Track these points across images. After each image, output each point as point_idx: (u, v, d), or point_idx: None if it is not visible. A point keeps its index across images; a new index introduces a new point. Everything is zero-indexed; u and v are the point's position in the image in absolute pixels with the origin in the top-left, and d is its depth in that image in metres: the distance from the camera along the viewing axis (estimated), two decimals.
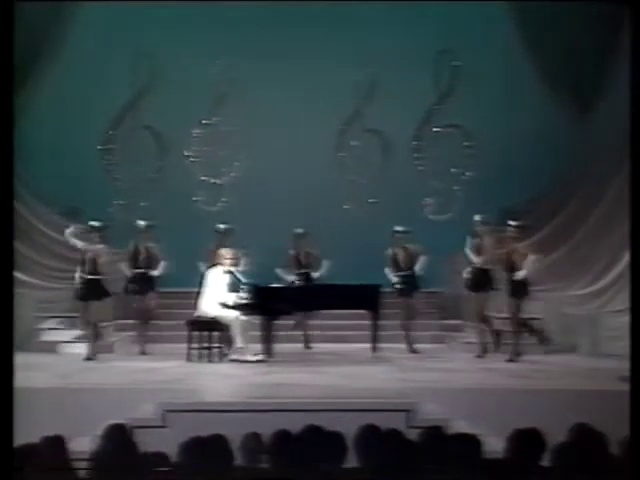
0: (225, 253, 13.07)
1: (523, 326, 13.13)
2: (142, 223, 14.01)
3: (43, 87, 15.64)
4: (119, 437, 5.94)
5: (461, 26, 16.29)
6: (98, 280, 13.29)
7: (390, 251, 13.96)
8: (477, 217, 13.62)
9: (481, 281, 13.44)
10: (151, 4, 16.11)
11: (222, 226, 14.09)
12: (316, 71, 16.54)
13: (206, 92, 16.68)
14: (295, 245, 14.33)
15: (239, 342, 12.69)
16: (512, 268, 13.02)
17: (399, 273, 13.91)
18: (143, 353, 13.55)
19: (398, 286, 13.88)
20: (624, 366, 12.10)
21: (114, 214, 16.53)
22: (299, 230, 14.32)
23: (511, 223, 13.38)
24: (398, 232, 13.95)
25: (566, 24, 15.42)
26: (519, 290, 12.99)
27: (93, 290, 13.24)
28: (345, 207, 16.83)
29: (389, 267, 13.94)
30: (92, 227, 13.44)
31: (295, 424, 5.97)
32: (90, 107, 16.45)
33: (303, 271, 14.20)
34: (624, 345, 12.72)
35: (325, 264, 14.16)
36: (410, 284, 13.87)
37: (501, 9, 15.95)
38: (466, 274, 13.59)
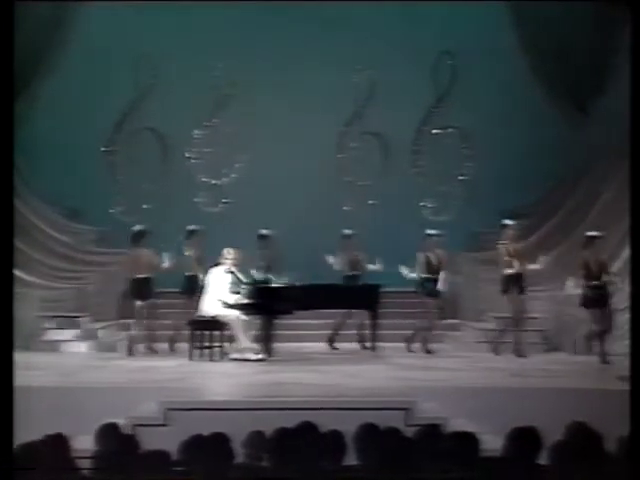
0: (226, 253, 13.05)
1: None
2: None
3: (46, 89, 15.63)
4: (114, 436, 5.94)
5: (459, 29, 16.31)
6: (148, 279, 13.50)
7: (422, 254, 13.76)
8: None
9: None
10: (152, 7, 16.12)
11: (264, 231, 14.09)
12: (316, 73, 16.55)
13: (207, 94, 16.67)
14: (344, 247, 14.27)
15: (240, 341, 12.67)
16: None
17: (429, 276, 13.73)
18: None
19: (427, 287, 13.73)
20: (622, 365, 12.12)
21: (116, 215, 16.56)
22: (347, 231, 14.28)
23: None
24: (430, 235, 13.84)
25: (563, 25, 15.41)
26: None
27: (145, 289, 13.48)
28: (345, 208, 16.81)
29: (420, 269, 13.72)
30: (139, 232, 13.62)
31: (295, 422, 5.96)
32: (93, 108, 16.44)
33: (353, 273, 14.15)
34: (622, 344, 12.73)
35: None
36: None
37: (499, 11, 15.95)
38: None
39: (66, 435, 5.75)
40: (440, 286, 13.61)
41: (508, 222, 13.58)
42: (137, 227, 13.83)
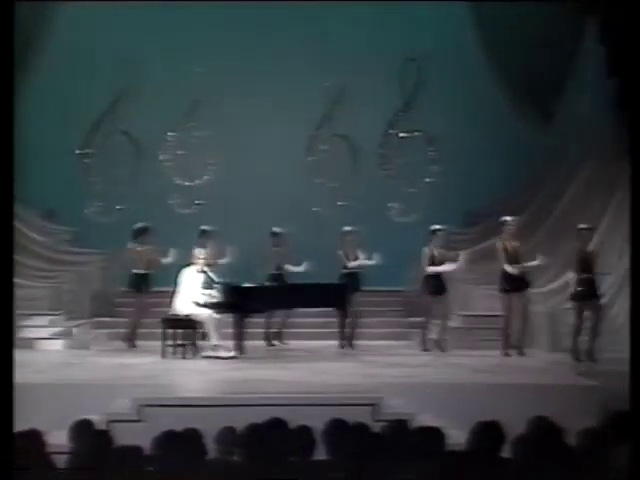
0: (198, 253, 13.05)
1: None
2: (206, 228, 14.08)
3: (22, 90, 15.54)
4: (89, 432, 5.94)
5: (426, 34, 16.35)
6: (147, 275, 13.67)
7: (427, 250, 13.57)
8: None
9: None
10: (127, 10, 16.09)
11: (277, 230, 14.11)
12: (287, 78, 16.56)
13: (180, 98, 16.61)
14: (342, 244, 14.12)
15: (212, 339, 12.67)
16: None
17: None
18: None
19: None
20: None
21: (90, 215, 16.51)
22: (347, 228, 14.15)
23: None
24: (436, 231, 13.63)
25: (524, 27, 15.52)
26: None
27: (144, 285, 13.62)
28: (314, 209, 16.82)
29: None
30: (141, 229, 13.76)
31: (265, 418, 5.98)
32: (69, 111, 16.37)
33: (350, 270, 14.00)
34: (580, 340, 12.83)
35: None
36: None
37: (465, 18, 16.06)
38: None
39: (41, 430, 5.74)
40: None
41: (507, 218, 13.28)
42: (139, 224, 13.82)
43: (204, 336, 12.80)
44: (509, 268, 12.95)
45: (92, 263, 16.05)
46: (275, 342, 14.14)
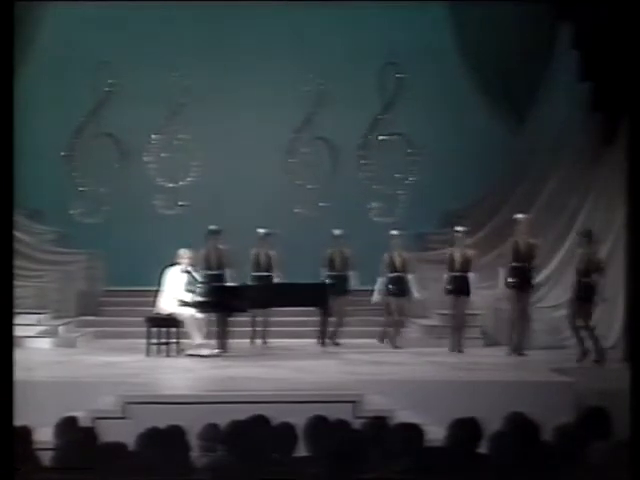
0: (182, 253, 13.02)
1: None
2: (262, 231, 14.04)
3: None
4: (74, 428, 5.93)
5: (405, 38, 16.40)
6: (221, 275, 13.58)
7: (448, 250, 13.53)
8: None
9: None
10: (112, 14, 16.06)
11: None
12: (269, 81, 16.57)
13: (164, 101, 16.59)
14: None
15: (195, 338, 12.65)
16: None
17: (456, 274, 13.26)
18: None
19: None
20: (555, 358, 12.29)
21: (75, 216, 16.46)
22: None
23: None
24: (457, 232, 13.46)
25: (500, 30, 15.59)
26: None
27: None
28: (296, 210, 16.83)
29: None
30: (210, 231, 13.65)
31: (248, 415, 5.98)
32: (54, 113, 16.32)
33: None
34: (555, 339, 12.88)
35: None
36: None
37: (443, 22, 16.13)
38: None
39: (28, 427, 5.73)
40: (472, 287, 13.16)
41: (520, 216, 12.99)
42: (212, 226, 13.76)
43: (186, 335, 12.76)
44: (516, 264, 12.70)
45: (77, 263, 16.01)
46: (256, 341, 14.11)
